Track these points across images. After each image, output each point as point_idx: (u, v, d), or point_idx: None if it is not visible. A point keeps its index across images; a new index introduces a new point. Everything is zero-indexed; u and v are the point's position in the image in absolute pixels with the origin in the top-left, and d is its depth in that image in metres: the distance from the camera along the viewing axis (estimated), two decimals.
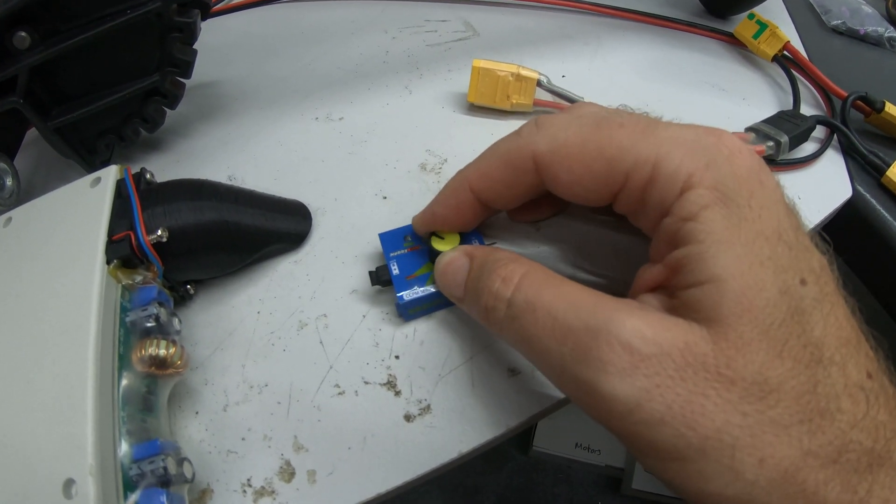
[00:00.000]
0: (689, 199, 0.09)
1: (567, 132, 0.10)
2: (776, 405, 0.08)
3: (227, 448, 0.12)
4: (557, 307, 0.09)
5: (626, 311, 0.09)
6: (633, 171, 0.10)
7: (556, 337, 0.09)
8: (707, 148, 0.09)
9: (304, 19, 0.23)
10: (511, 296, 0.10)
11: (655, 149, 0.09)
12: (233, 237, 0.13)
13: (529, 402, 0.12)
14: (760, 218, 0.09)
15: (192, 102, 0.19)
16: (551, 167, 0.10)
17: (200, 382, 0.13)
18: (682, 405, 0.08)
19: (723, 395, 0.08)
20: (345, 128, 0.18)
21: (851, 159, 0.20)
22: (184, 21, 0.15)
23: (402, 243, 0.13)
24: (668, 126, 0.10)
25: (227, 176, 0.17)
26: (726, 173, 0.09)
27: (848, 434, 0.08)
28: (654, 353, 0.08)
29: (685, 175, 0.09)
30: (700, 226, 0.09)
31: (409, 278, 0.13)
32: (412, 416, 0.12)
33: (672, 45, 0.23)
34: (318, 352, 0.13)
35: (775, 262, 0.08)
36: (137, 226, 0.12)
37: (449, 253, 0.12)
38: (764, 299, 0.08)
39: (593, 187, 0.10)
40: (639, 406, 0.08)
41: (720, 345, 0.08)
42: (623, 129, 0.10)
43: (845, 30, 0.26)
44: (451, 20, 0.23)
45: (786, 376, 0.08)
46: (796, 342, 0.08)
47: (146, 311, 0.12)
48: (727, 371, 0.08)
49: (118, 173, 0.14)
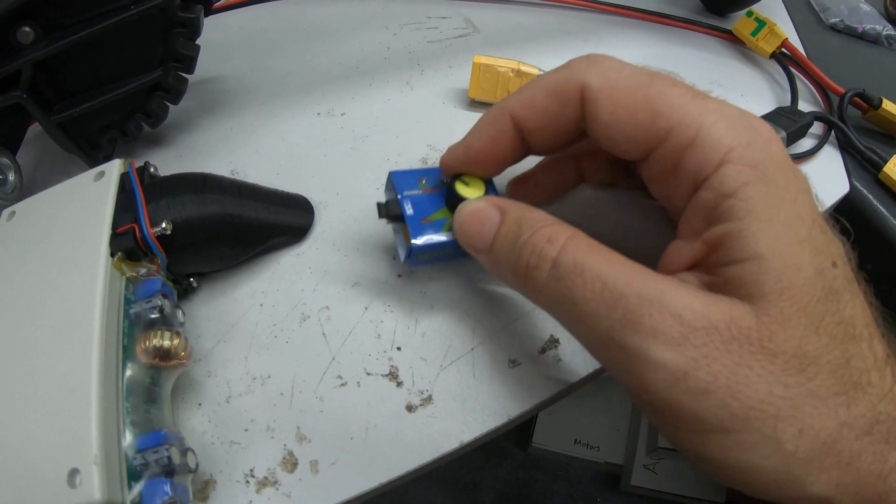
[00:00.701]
0: (728, 174, 0.09)
1: (620, 73, 0.10)
2: (815, 377, 0.08)
3: (230, 439, 0.12)
4: (608, 273, 0.09)
5: (677, 285, 0.09)
6: (675, 130, 0.09)
7: (605, 302, 0.09)
8: (750, 129, 0.09)
9: (305, 15, 0.23)
10: (557, 256, 0.10)
11: (702, 115, 0.09)
12: (236, 230, 0.14)
13: (530, 392, 0.12)
14: (796, 202, 0.09)
15: (195, 97, 0.19)
16: (596, 103, 0.10)
17: (203, 374, 0.13)
18: (727, 376, 0.08)
19: (766, 367, 0.08)
20: (346, 123, 0.18)
21: (848, 155, 0.20)
22: (187, 16, 0.15)
23: (416, 184, 0.12)
24: (718, 100, 0.10)
25: (229, 170, 0.17)
26: (766, 155, 0.09)
27: (878, 406, 0.08)
28: (703, 326, 0.08)
29: (727, 147, 0.09)
30: (741, 203, 0.09)
31: (423, 221, 0.12)
32: (414, 407, 0.12)
33: (671, 42, 0.23)
34: (320, 343, 0.13)
35: (812, 244, 0.08)
36: (142, 218, 0.12)
37: (475, 201, 0.11)
38: (802, 278, 0.08)
39: (632, 135, 0.10)
40: (686, 375, 0.08)
41: (763, 319, 0.08)
42: (676, 87, 0.10)
43: (843, 27, 0.27)
44: (452, 17, 0.23)
45: (823, 350, 0.08)
46: (831, 319, 0.08)
47: (150, 303, 0.12)
48: (770, 344, 0.08)
49: (122, 167, 0.14)
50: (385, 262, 0.14)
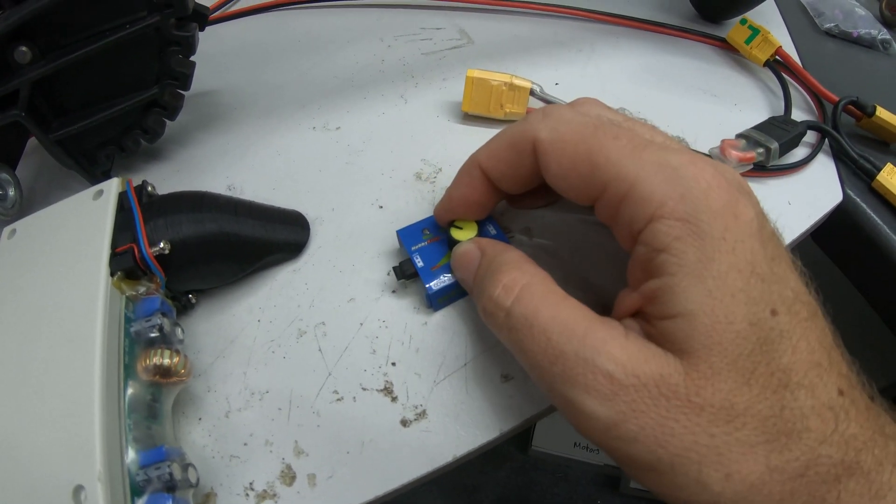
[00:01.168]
0: (660, 229, 0.09)
1: (567, 127, 0.11)
2: (742, 427, 0.08)
3: (230, 453, 0.12)
4: (552, 329, 0.10)
5: (611, 341, 0.09)
6: (611, 184, 0.10)
7: (548, 357, 0.10)
8: (685, 179, 0.09)
9: (300, 27, 0.23)
10: (510, 306, 0.10)
11: (637, 170, 0.10)
12: (233, 248, 0.14)
13: (522, 406, 0.12)
14: (734, 251, 0.09)
15: (192, 112, 0.19)
16: (545, 156, 0.11)
17: (203, 389, 0.13)
18: (653, 427, 0.09)
19: (692, 419, 0.08)
20: (341, 137, 0.18)
21: (842, 164, 0.20)
22: (182, 35, 0.15)
23: (421, 236, 0.14)
24: (659, 149, 0.10)
25: (226, 185, 0.17)
26: (701, 207, 0.09)
27: (816, 450, 0.08)
28: (632, 384, 0.09)
29: (658, 202, 0.09)
30: (672, 258, 0.09)
31: (433, 269, 0.13)
32: (408, 421, 0.12)
33: (664, 51, 0.23)
34: (317, 359, 0.13)
35: (747, 295, 0.09)
36: (140, 238, 0.13)
37: (464, 244, 0.13)
38: (733, 332, 0.09)
39: (576, 185, 0.11)
40: (616, 425, 0.09)
41: (691, 375, 0.09)
42: (616, 141, 0.10)
43: (838, 33, 0.26)
44: (446, 28, 0.23)
45: (753, 401, 0.08)
46: (764, 370, 0.08)
47: (150, 322, 0.12)
48: (696, 399, 0.08)
49: (120, 186, 0.14)
50: (380, 277, 0.15)
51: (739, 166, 0.17)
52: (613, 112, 0.12)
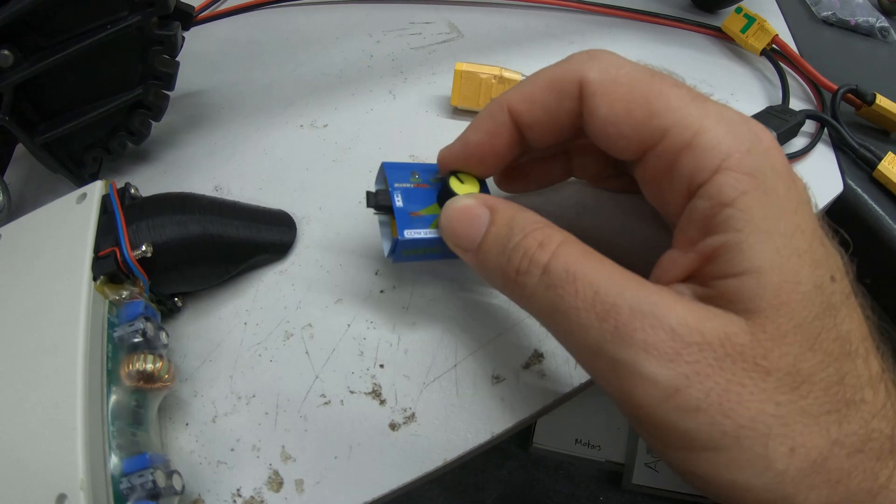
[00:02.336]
0: (726, 181, 0.08)
1: (620, 69, 0.10)
2: (807, 395, 0.08)
3: (217, 459, 0.12)
4: (600, 282, 0.09)
5: (671, 298, 0.08)
6: (672, 131, 0.09)
7: (596, 312, 0.08)
8: (750, 134, 0.09)
9: (288, 24, 0.23)
10: (549, 262, 0.09)
11: (701, 118, 0.09)
12: (217, 250, 0.14)
13: (514, 408, 0.12)
14: (797, 212, 0.08)
15: (179, 111, 0.19)
16: (594, 97, 0.10)
17: (190, 394, 0.13)
18: (719, 393, 0.08)
19: (759, 385, 0.08)
20: (329, 135, 0.18)
21: (842, 153, 0.19)
22: (164, 34, 0.15)
23: (408, 177, 0.12)
24: (718, 103, 0.09)
25: (213, 186, 0.17)
26: (766, 163, 0.09)
27: (870, 423, 0.08)
28: (696, 342, 0.08)
29: (725, 153, 0.09)
30: (739, 213, 0.08)
31: (412, 214, 0.11)
32: (397, 425, 0.12)
33: (659, 41, 0.22)
34: (303, 362, 0.13)
35: (811, 257, 0.08)
36: (122, 242, 0.12)
37: (464, 198, 0.11)
38: (801, 293, 0.08)
39: (628, 133, 0.10)
40: (677, 391, 0.08)
41: (758, 336, 0.08)
42: (677, 88, 0.09)
43: (836, 21, 0.26)
44: (436, 22, 0.23)
45: (817, 368, 0.08)
46: (827, 335, 0.08)
47: (133, 327, 0.12)
48: (764, 362, 0.08)
49: (103, 188, 0.14)
50: (368, 277, 0.14)
51: None
52: None
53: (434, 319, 0.14)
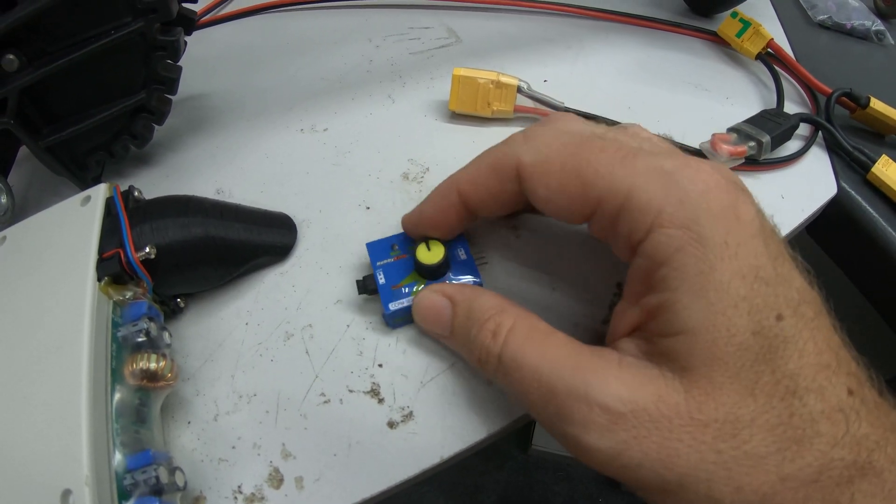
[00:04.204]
0: (660, 240, 0.09)
1: (550, 148, 0.10)
2: (750, 440, 0.08)
3: (219, 456, 0.12)
4: (542, 368, 0.09)
5: (604, 372, 0.09)
6: (605, 198, 0.10)
7: (541, 396, 0.09)
8: (682, 182, 0.09)
9: (289, 28, 0.23)
10: (500, 352, 0.10)
11: (630, 179, 0.09)
12: (219, 252, 0.14)
13: (509, 407, 0.12)
14: (737, 256, 0.09)
15: (181, 115, 0.19)
16: (531, 180, 0.11)
17: (192, 393, 0.13)
18: (657, 451, 0.08)
19: (696, 438, 0.08)
20: (329, 139, 0.18)
21: (836, 156, 0.20)
22: (167, 39, 0.15)
23: (388, 252, 0.14)
24: (649, 155, 0.10)
25: (215, 189, 0.17)
26: (701, 211, 0.09)
27: (829, 453, 0.08)
28: (630, 411, 0.09)
29: (656, 210, 0.09)
30: (672, 272, 0.09)
31: (394, 287, 0.13)
32: (395, 423, 0.12)
33: (655, 46, 0.23)
34: (304, 361, 0.13)
35: (750, 303, 0.08)
36: (126, 243, 0.13)
37: (427, 294, 0.12)
38: (734, 345, 0.08)
39: (567, 206, 0.10)
40: (619, 455, 0.09)
41: (692, 392, 0.08)
42: (603, 153, 0.10)
43: (832, 24, 0.26)
44: (435, 27, 0.23)
45: (759, 412, 0.08)
46: (769, 378, 0.08)
47: (136, 327, 0.12)
48: (699, 415, 0.08)
49: (107, 191, 0.14)
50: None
51: (731, 160, 0.17)
52: (592, 124, 0.11)
53: None
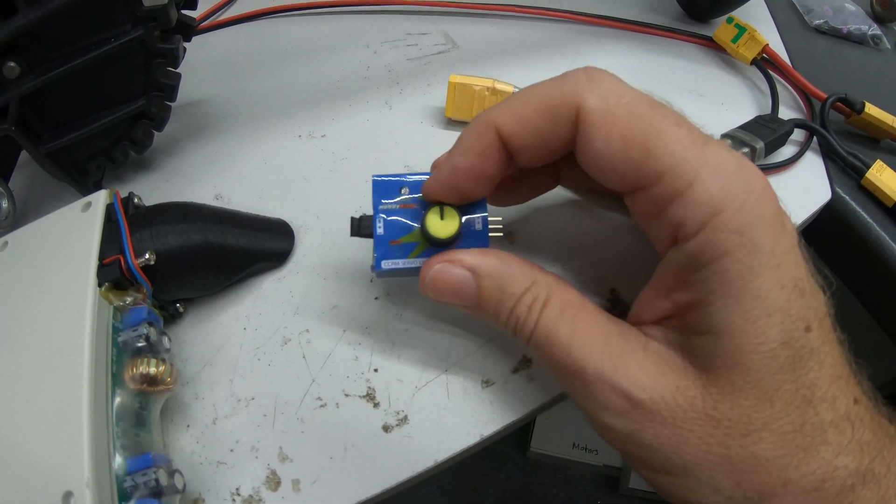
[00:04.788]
0: (711, 241, 0.09)
1: (621, 99, 0.09)
2: (759, 441, 0.08)
3: (217, 459, 0.12)
4: (572, 345, 0.10)
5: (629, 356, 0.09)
6: (667, 177, 0.09)
7: (569, 373, 0.10)
8: (744, 186, 0.09)
9: (287, 34, 0.23)
10: (533, 329, 0.10)
11: (699, 167, 0.09)
12: (218, 258, 0.14)
13: (503, 411, 0.13)
14: (780, 266, 0.09)
15: (180, 121, 0.19)
16: (591, 129, 0.09)
17: (191, 397, 0.13)
18: (668, 437, 0.09)
19: (707, 431, 0.09)
20: (327, 145, 0.18)
21: (831, 161, 0.20)
22: (167, 47, 0.16)
23: (395, 193, 0.11)
24: (718, 146, 0.09)
25: (214, 195, 0.17)
26: (756, 217, 0.09)
27: (833, 462, 0.08)
28: (649, 398, 0.09)
29: (716, 209, 0.08)
30: (714, 275, 0.09)
31: (392, 243, 0.11)
32: (390, 427, 0.12)
33: (650, 51, 0.23)
34: (301, 366, 0.14)
35: (785, 313, 0.09)
36: (126, 250, 0.13)
37: (443, 269, 0.10)
38: (761, 353, 0.08)
39: (622, 170, 0.09)
40: (632, 434, 0.09)
41: (709, 389, 0.09)
42: (677, 128, 0.09)
43: (828, 29, 0.26)
44: (432, 33, 0.23)
45: (774, 417, 0.08)
46: (790, 386, 0.09)
47: (136, 332, 0.12)
48: (713, 412, 0.09)
49: (107, 198, 0.14)
50: (363, 285, 0.15)
51: None
52: None
53: (426, 326, 0.14)
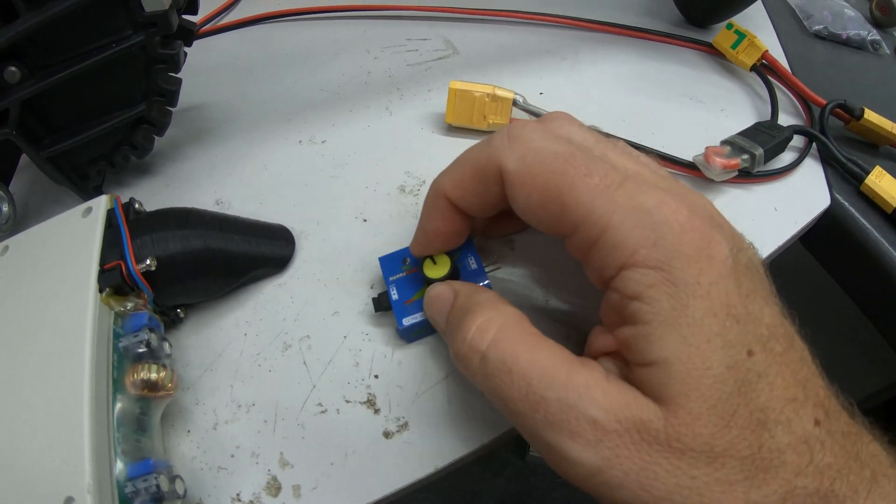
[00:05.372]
0: (632, 277, 0.09)
1: (535, 157, 0.10)
2: (722, 468, 0.08)
3: (218, 464, 0.12)
4: (532, 373, 0.09)
5: (594, 386, 0.09)
6: (581, 226, 0.10)
7: (529, 403, 0.09)
8: (659, 223, 0.09)
9: (288, 39, 0.23)
10: (486, 350, 0.10)
11: (609, 214, 0.09)
12: (219, 263, 0.14)
13: (503, 418, 0.12)
14: (709, 295, 0.09)
15: (181, 126, 0.19)
16: (513, 187, 0.10)
17: (192, 402, 0.13)
18: (637, 472, 0.09)
19: (673, 464, 0.09)
20: (327, 151, 0.18)
21: (830, 168, 0.20)
22: (168, 53, 0.16)
23: (400, 266, 0.13)
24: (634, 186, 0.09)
25: (214, 200, 0.17)
26: (675, 252, 0.09)
27: (793, 482, 0.08)
28: (615, 430, 0.09)
29: (630, 250, 0.09)
30: (646, 306, 0.09)
31: (407, 303, 0.13)
32: (391, 433, 0.13)
33: (650, 57, 0.23)
34: (301, 372, 0.14)
35: (723, 339, 0.09)
36: (127, 255, 0.13)
37: (438, 285, 0.12)
38: (711, 377, 0.09)
39: (545, 221, 0.10)
40: (601, 471, 0.09)
41: (671, 421, 0.09)
42: (588, 179, 0.10)
43: (827, 34, 0.26)
44: (432, 38, 0.23)
45: (732, 442, 0.08)
46: (744, 410, 0.09)
47: (137, 338, 0.12)
48: (677, 444, 0.09)
49: (108, 203, 0.14)
50: (363, 291, 0.15)
51: (724, 173, 0.17)
52: (585, 131, 0.11)
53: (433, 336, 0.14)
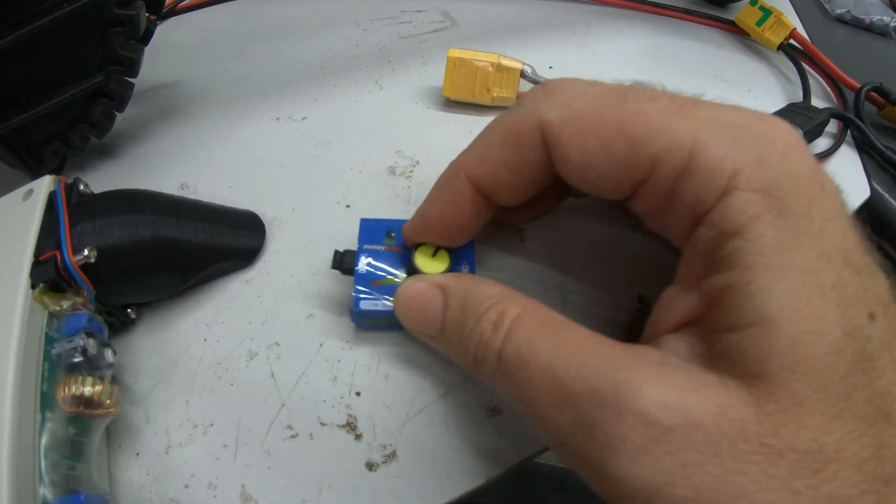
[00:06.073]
0: (734, 204, 0.07)
1: (583, 100, 0.08)
2: (834, 478, 0.06)
3: (170, 496, 0.11)
4: (556, 364, 0.07)
5: (641, 370, 0.07)
6: (663, 157, 0.08)
7: (554, 403, 0.07)
8: (758, 138, 0.07)
9: (272, 13, 0.22)
10: (502, 346, 0.08)
11: (694, 132, 0.07)
12: (172, 256, 0.12)
13: (513, 446, 0.11)
14: (823, 233, 0.07)
15: (150, 104, 0.18)
16: (561, 141, 0.08)
17: (142, 419, 0.11)
18: (714, 488, 0.06)
19: (767, 472, 0.06)
20: (307, 128, 0.17)
21: (867, 156, 0.18)
22: (125, 14, 0.14)
23: (381, 237, 0.11)
24: (711, 106, 0.08)
25: (179, 184, 0.15)
26: (782, 173, 0.07)
27: None
28: (678, 424, 0.06)
29: (731, 170, 0.07)
30: (748, 244, 0.07)
31: (374, 284, 0.11)
32: (375, 464, 0.11)
33: (666, 34, 0.21)
34: (268, 386, 0.12)
35: (840, 293, 0.07)
36: (63, 245, 0.11)
37: (414, 282, 0.10)
38: (825, 346, 0.06)
39: (611, 172, 0.08)
40: (659, 491, 0.06)
41: (765, 408, 0.06)
42: (655, 102, 0.08)
43: (850, 19, 0.25)
44: (428, 10, 0.21)
45: (846, 440, 0.06)
46: (860, 396, 0.06)
47: (72, 343, 0.10)
48: (772, 441, 0.06)
49: (51, 184, 0.12)
50: (344, 289, 0.13)
51: None
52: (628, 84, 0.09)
53: (419, 340, 0.12)
